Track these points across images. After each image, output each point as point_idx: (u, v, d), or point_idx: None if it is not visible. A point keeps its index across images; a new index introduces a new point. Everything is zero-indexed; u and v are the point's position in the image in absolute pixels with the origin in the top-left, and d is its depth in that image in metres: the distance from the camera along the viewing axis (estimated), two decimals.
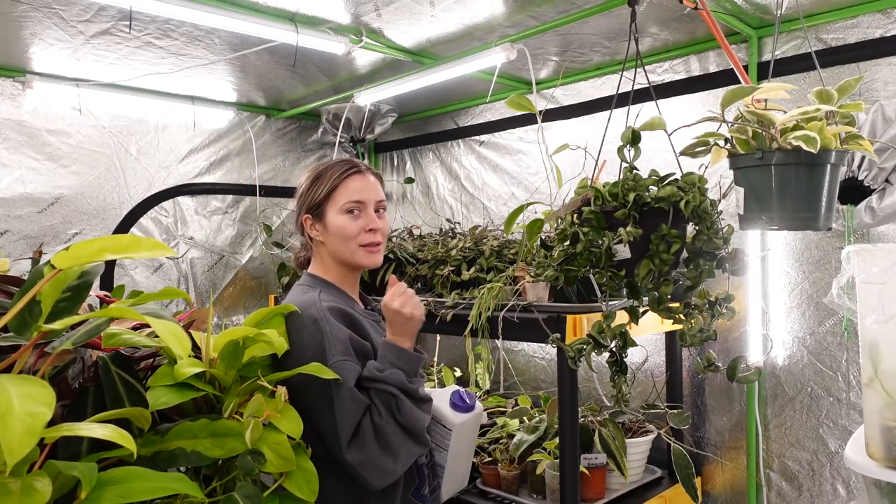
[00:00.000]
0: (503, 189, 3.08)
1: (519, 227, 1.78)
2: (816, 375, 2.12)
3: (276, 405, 1.02)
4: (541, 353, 2.89)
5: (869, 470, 1.14)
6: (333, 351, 1.28)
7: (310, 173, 1.49)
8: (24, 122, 2.61)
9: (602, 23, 2.14)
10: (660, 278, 1.39)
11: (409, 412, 1.29)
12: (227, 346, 1.03)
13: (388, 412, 1.28)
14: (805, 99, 1.40)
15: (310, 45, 2.20)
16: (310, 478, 1.01)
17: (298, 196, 1.49)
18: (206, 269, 3.16)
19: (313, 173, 1.48)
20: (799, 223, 1.29)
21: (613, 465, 2.01)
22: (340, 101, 2.97)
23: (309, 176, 1.49)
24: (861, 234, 1.98)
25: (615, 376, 1.42)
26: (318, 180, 1.46)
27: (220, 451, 0.93)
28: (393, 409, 1.28)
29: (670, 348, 2.36)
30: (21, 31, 2.14)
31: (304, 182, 1.49)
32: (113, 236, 0.88)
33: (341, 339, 1.31)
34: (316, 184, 1.46)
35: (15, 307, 0.84)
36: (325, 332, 1.30)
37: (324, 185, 1.44)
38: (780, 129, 1.25)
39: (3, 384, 0.68)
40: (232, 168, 3.25)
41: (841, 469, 2.08)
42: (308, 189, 1.47)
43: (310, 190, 1.46)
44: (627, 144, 1.40)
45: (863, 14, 2.01)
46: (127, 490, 0.78)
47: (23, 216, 2.61)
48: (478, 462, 2.23)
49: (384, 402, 1.28)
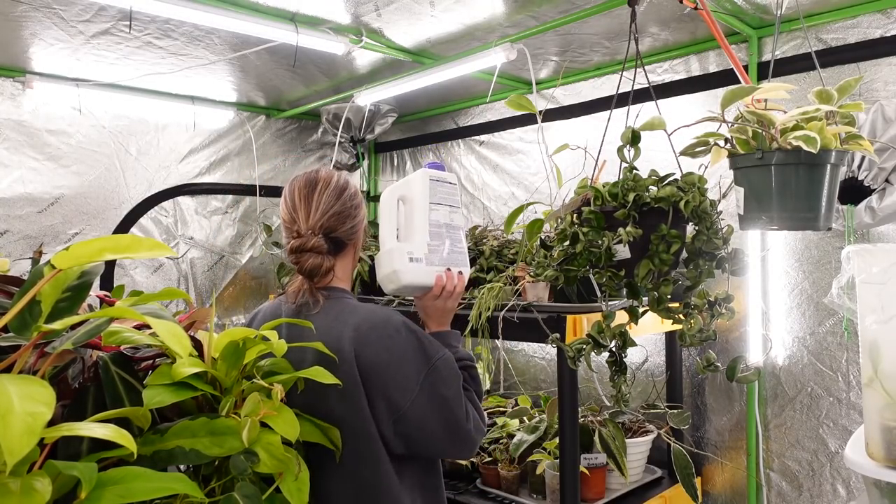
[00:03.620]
0: (503, 189, 3.08)
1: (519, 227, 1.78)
2: (816, 375, 2.12)
3: (272, 405, 1.01)
4: (541, 353, 2.89)
5: (869, 470, 1.14)
6: (433, 347, 1.31)
7: (355, 186, 1.46)
8: (24, 122, 2.61)
9: (602, 23, 2.14)
10: (659, 278, 1.39)
11: (478, 378, 1.44)
12: (228, 346, 1.03)
13: (471, 383, 1.40)
14: (805, 99, 1.40)
15: (310, 45, 2.20)
16: (301, 486, 1.01)
17: (356, 205, 1.43)
18: (206, 269, 3.16)
19: (357, 188, 1.46)
20: (799, 223, 1.29)
21: (613, 465, 2.01)
22: (340, 101, 2.97)
23: (358, 189, 1.46)
24: (861, 234, 1.98)
25: (615, 376, 1.42)
26: (361, 195, 1.46)
27: (219, 450, 0.93)
28: (468, 380, 1.39)
29: (670, 348, 2.36)
30: (21, 31, 2.15)
31: (360, 194, 1.45)
32: (113, 236, 0.88)
33: (428, 335, 1.35)
34: (362, 200, 1.46)
35: (15, 307, 0.84)
36: (417, 333, 1.32)
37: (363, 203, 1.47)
38: (780, 129, 1.25)
39: (4, 384, 0.68)
40: (232, 168, 3.25)
41: (841, 469, 2.08)
42: (362, 202, 1.44)
43: (363, 203, 1.45)
44: (627, 144, 1.41)
45: (863, 14, 2.01)
46: (127, 490, 0.78)
47: (23, 216, 2.61)
48: (478, 462, 2.23)
49: (465, 376, 1.39)
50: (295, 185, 1.42)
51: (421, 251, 1.42)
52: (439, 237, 1.46)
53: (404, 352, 1.27)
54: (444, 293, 1.44)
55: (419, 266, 1.41)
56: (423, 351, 1.29)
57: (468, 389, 1.36)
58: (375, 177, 3.75)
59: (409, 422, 1.25)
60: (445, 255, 1.46)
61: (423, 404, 1.26)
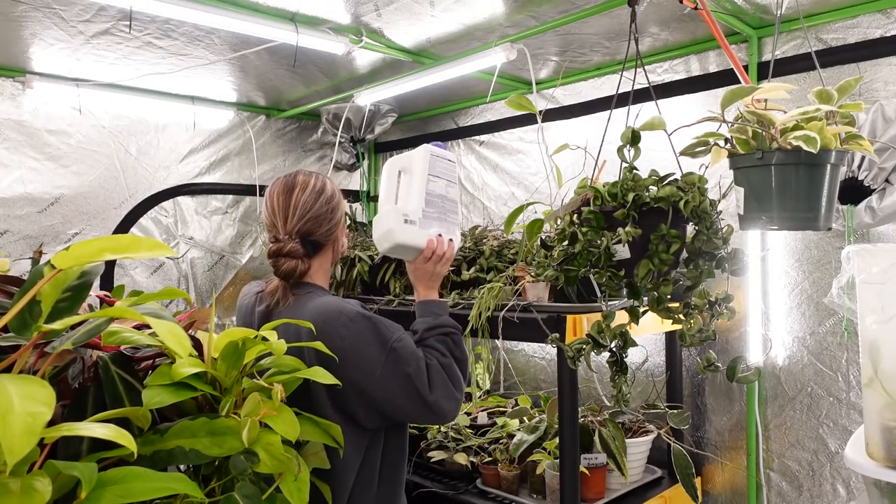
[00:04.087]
0: (503, 189, 3.08)
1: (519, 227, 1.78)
2: (816, 375, 2.12)
3: (272, 405, 1.02)
4: (541, 353, 2.89)
5: (869, 470, 1.14)
6: (390, 330, 1.37)
7: (335, 188, 1.52)
8: (24, 122, 2.61)
9: (602, 23, 2.14)
10: (659, 278, 1.39)
11: (461, 344, 1.48)
12: (228, 346, 1.03)
13: (449, 350, 1.44)
14: (805, 99, 1.40)
15: (310, 45, 2.20)
16: (301, 486, 1.01)
17: (333, 207, 1.49)
18: (206, 269, 3.16)
19: (334, 190, 1.52)
20: (799, 223, 1.29)
21: (613, 465, 2.01)
22: (340, 101, 2.97)
23: (336, 189, 1.52)
24: (861, 234, 1.98)
25: (615, 376, 1.42)
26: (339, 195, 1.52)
27: (219, 450, 0.93)
28: (451, 347, 1.45)
29: (670, 348, 2.36)
30: (21, 31, 2.15)
31: (339, 194, 1.52)
32: (113, 236, 0.88)
33: (384, 320, 1.40)
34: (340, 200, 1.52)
35: (15, 307, 0.84)
36: (373, 318, 1.37)
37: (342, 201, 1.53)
38: (780, 129, 1.25)
39: (4, 384, 0.68)
40: (232, 168, 3.25)
41: (841, 469, 2.08)
42: (340, 203, 1.51)
43: (340, 204, 1.52)
44: (627, 144, 1.41)
45: (863, 14, 2.01)
46: (127, 490, 0.78)
47: (23, 216, 2.61)
48: (478, 462, 2.23)
49: (444, 343, 1.45)
50: (273, 190, 1.48)
51: (416, 215, 1.50)
52: (434, 206, 1.54)
53: (361, 337, 1.33)
54: (434, 257, 1.52)
55: (413, 228, 1.49)
56: (379, 334, 1.35)
57: (446, 356, 1.42)
58: (375, 177, 3.75)
59: (375, 399, 1.33)
60: (438, 222, 1.54)
61: (386, 383, 1.33)
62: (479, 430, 2.43)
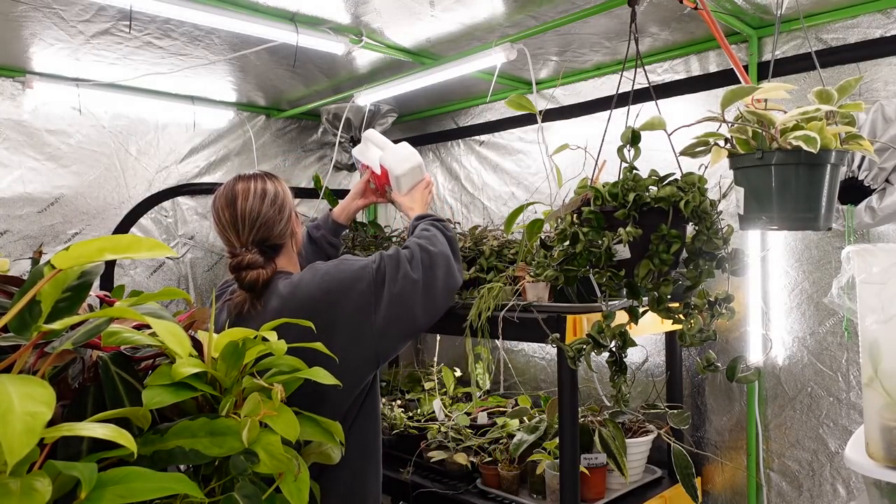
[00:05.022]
0: (503, 189, 3.08)
1: (519, 227, 1.79)
2: (816, 375, 2.12)
3: (272, 405, 1.01)
4: (541, 353, 2.89)
5: (869, 470, 1.14)
6: (364, 260, 1.46)
7: (277, 182, 1.56)
8: (24, 122, 2.61)
9: (602, 23, 2.14)
10: (659, 278, 1.39)
11: (452, 234, 1.62)
12: (228, 346, 1.03)
13: (443, 234, 1.58)
14: (805, 99, 1.40)
15: (310, 45, 2.20)
16: (301, 486, 1.01)
17: (280, 206, 1.50)
18: (206, 269, 3.16)
19: (280, 181, 1.57)
20: (799, 223, 1.29)
21: (613, 465, 2.01)
22: (340, 101, 2.97)
23: (278, 183, 1.55)
24: (861, 234, 1.98)
25: (615, 376, 1.43)
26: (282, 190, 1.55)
27: (219, 450, 0.93)
28: (442, 229, 1.59)
29: (670, 348, 2.36)
30: (21, 31, 2.14)
31: (283, 187, 1.55)
32: (113, 236, 0.88)
33: (353, 255, 1.52)
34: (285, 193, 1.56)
35: (15, 307, 0.84)
36: (343, 261, 1.46)
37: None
38: (780, 129, 1.25)
39: (3, 384, 0.68)
40: (232, 168, 3.25)
41: (841, 469, 2.08)
42: (286, 197, 1.54)
43: (287, 197, 1.55)
44: (627, 144, 1.41)
45: (863, 14, 2.01)
46: (127, 490, 0.78)
47: (23, 216, 2.61)
48: (478, 462, 2.23)
49: (439, 229, 1.59)
50: (217, 206, 1.48)
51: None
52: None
53: (342, 279, 1.39)
54: (429, 186, 1.83)
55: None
56: (357, 268, 1.43)
57: (428, 230, 1.57)
58: None
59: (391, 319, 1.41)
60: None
61: (390, 298, 1.40)
62: (479, 430, 2.43)
